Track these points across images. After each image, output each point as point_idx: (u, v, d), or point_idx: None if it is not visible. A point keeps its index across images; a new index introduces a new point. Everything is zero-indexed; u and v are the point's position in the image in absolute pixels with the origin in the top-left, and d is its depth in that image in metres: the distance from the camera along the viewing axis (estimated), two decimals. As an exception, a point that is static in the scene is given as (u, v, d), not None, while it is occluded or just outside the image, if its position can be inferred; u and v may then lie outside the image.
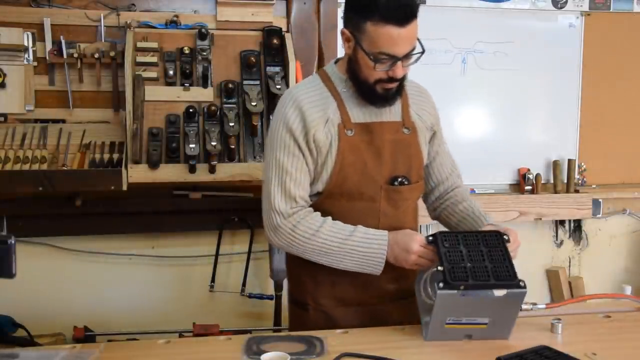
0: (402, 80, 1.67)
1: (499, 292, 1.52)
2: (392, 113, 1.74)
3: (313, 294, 1.78)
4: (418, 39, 1.61)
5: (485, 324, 1.57)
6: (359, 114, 1.71)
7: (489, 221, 1.78)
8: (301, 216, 1.68)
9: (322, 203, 1.72)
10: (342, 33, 1.66)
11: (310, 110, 1.68)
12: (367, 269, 1.66)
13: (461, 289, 1.50)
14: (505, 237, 1.61)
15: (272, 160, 1.71)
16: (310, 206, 1.73)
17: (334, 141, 1.68)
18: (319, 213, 1.70)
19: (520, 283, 1.52)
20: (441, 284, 1.50)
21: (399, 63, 1.60)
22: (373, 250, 1.63)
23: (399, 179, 1.73)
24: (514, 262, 1.59)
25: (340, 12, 2.81)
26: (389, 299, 1.76)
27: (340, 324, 1.73)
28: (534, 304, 1.64)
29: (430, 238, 1.59)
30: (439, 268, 1.53)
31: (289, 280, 1.91)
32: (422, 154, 1.79)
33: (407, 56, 1.60)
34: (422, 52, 1.62)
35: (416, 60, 1.64)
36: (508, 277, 1.53)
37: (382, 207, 1.72)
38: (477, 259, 1.56)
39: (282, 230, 1.68)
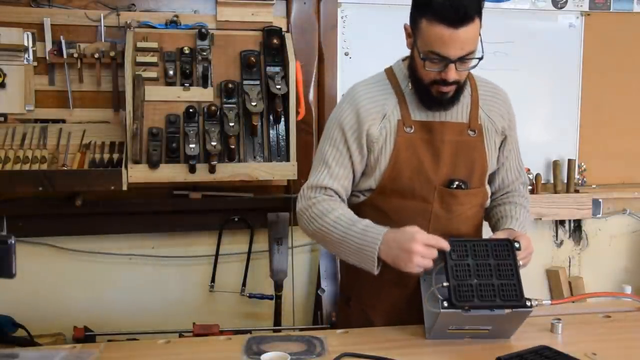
0: (459, 85, 1.63)
1: (505, 311, 1.51)
2: (458, 113, 1.70)
3: (356, 291, 1.79)
4: (481, 42, 1.57)
5: (488, 329, 1.57)
6: (421, 111, 1.69)
7: (511, 226, 1.74)
8: (319, 199, 1.67)
9: (375, 199, 1.71)
10: (405, 28, 1.66)
11: (367, 106, 1.68)
12: (363, 265, 1.59)
13: (466, 309, 1.49)
14: (516, 244, 1.58)
15: (319, 152, 1.75)
16: (365, 202, 1.72)
17: (390, 137, 1.67)
18: (341, 202, 1.69)
19: (527, 302, 1.50)
20: (445, 303, 1.49)
21: (452, 66, 1.55)
22: (366, 244, 1.56)
23: (456, 182, 1.68)
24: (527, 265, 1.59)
25: (340, 12, 2.81)
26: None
27: (376, 324, 1.73)
28: (540, 300, 1.64)
29: None
30: (445, 284, 1.51)
31: (341, 275, 1.94)
32: (487, 159, 1.74)
33: (462, 60, 1.56)
34: (480, 59, 1.57)
35: (474, 67, 1.60)
36: (514, 297, 1.51)
37: (434, 209, 1.68)
38: (484, 274, 1.53)
39: (301, 211, 1.71)
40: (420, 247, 1.50)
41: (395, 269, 1.55)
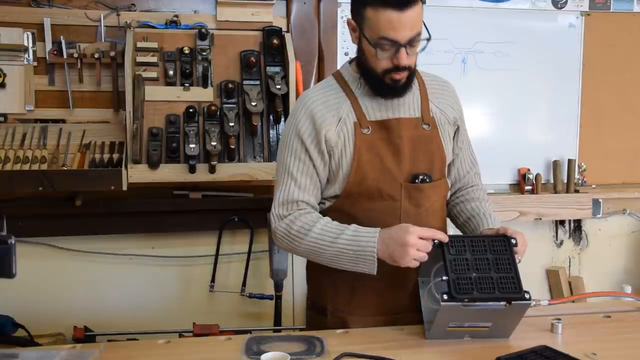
0: (410, 70, 1.64)
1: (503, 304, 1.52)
2: (410, 109, 1.71)
3: (332, 299, 1.76)
4: (425, 26, 1.59)
5: (487, 327, 1.57)
6: (376, 111, 1.69)
7: (494, 225, 1.74)
8: (296, 215, 1.66)
9: (343, 204, 1.70)
10: (348, 23, 1.66)
11: (321, 111, 1.67)
12: (361, 267, 1.60)
13: (465, 301, 1.50)
14: (513, 240, 1.59)
15: (280, 164, 1.72)
16: (331, 208, 1.71)
17: (349, 140, 1.66)
18: (317, 213, 1.68)
19: (525, 295, 1.51)
20: (445, 296, 1.49)
21: (402, 50, 1.57)
22: (363, 247, 1.57)
23: (420, 177, 1.69)
24: (521, 262, 1.59)
25: (340, 12, 2.82)
26: (408, 309, 1.70)
27: None
28: (538, 300, 1.65)
29: (437, 241, 1.56)
30: (444, 278, 1.52)
31: (309, 284, 1.89)
32: (444, 150, 1.75)
33: (411, 43, 1.57)
34: (429, 39, 1.59)
35: (423, 49, 1.61)
36: (513, 289, 1.52)
37: (403, 207, 1.68)
38: (482, 268, 1.54)
39: (278, 232, 1.69)
40: (415, 240, 1.52)
41: (385, 272, 1.57)
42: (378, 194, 1.67)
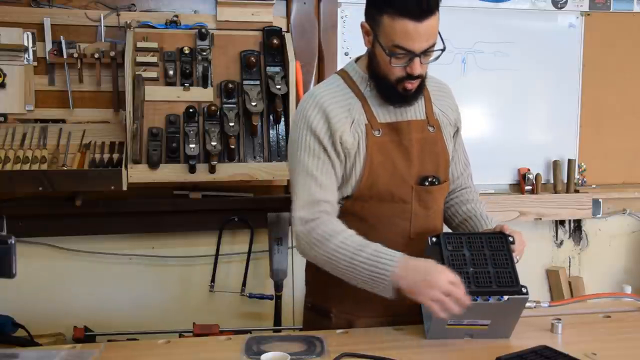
0: (422, 79, 1.63)
1: (504, 298, 1.52)
2: (416, 111, 1.71)
3: (338, 302, 1.74)
4: (440, 35, 1.58)
5: (486, 325, 1.58)
6: (385, 113, 1.68)
7: (491, 226, 1.73)
8: (321, 221, 1.61)
9: (353, 206, 1.68)
10: (362, 26, 1.64)
11: (335, 111, 1.64)
12: (376, 289, 1.55)
13: None
14: (510, 238, 1.60)
15: (296, 165, 1.67)
16: (341, 210, 1.68)
17: (362, 142, 1.65)
18: (342, 225, 1.63)
19: (522, 289, 1.52)
20: None
21: (417, 59, 1.55)
22: (378, 270, 1.52)
23: (429, 179, 1.69)
24: (519, 262, 1.59)
25: (340, 12, 2.82)
26: (414, 311, 1.67)
27: None
28: (538, 302, 1.65)
29: (434, 239, 1.57)
30: None
31: (308, 286, 1.86)
32: (448, 151, 1.76)
33: (426, 53, 1.56)
34: (443, 50, 1.58)
35: (436, 58, 1.60)
36: (510, 283, 1.53)
37: (413, 209, 1.68)
38: (480, 263, 1.55)
39: (300, 235, 1.63)
40: (446, 279, 1.47)
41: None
42: (389, 197, 1.66)
